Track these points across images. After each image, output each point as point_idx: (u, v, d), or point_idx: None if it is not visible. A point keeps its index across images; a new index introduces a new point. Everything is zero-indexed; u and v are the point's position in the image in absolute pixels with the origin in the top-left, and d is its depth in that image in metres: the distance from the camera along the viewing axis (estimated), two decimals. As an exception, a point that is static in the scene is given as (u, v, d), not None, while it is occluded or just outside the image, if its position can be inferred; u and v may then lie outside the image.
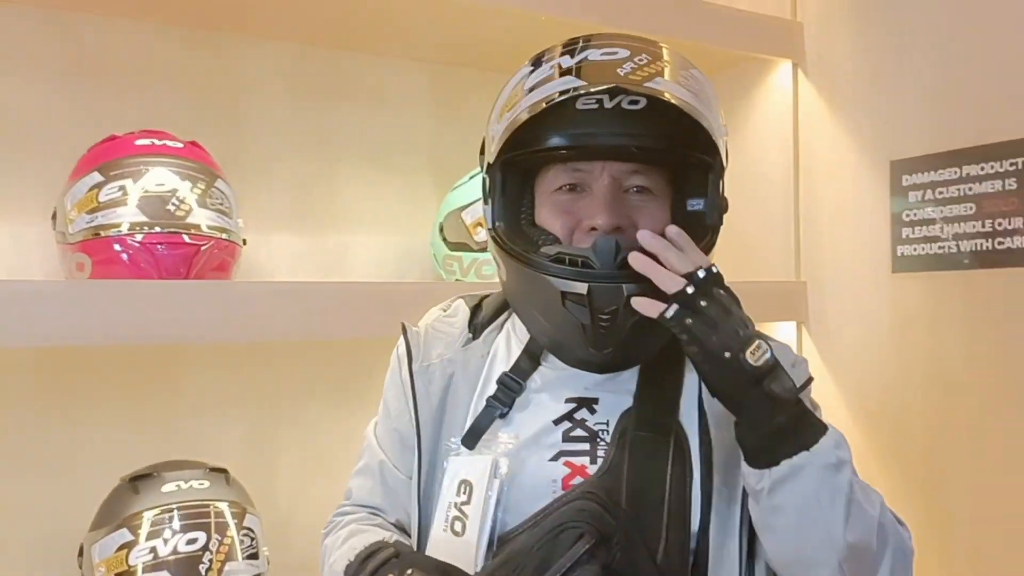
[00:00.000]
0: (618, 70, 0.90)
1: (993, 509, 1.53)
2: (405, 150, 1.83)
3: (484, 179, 1.01)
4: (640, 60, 0.92)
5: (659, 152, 0.95)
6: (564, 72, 0.92)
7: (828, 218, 1.82)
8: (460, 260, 1.64)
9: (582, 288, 0.90)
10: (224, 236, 1.32)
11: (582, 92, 0.89)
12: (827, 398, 1.79)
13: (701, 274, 0.88)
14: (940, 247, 1.61)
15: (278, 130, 1.70)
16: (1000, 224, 1.52)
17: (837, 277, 1.81)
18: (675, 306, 0.86)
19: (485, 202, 1.01)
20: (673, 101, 0.89)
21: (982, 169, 1.54)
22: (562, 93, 0.90)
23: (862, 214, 1.75)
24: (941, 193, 1.61)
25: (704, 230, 0.97)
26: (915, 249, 1.65)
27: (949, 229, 1.60)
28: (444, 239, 1.66)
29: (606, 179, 0.95)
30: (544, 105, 0.91)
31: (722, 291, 0.89)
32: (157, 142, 1.34)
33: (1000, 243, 1.52)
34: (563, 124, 0.94)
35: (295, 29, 1.65)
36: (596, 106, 0.92)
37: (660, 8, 1.70)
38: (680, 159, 0.97)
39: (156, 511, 1.29)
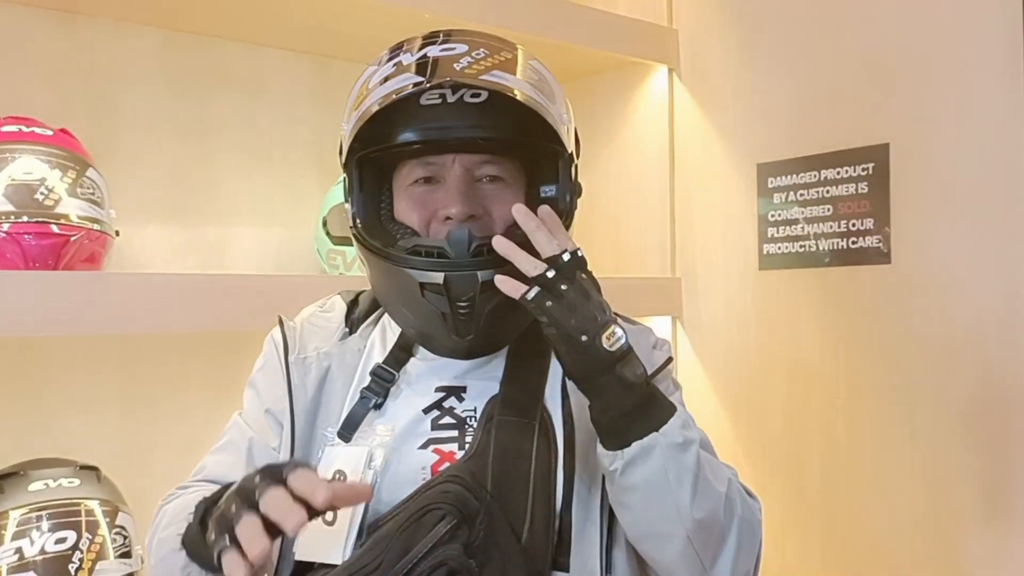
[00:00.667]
0: (455, 65, 0.93)
1: (840, 482, 1.66)
2: (286, 142, 1.82)
3: (343, 178, 1.03)
4: (477, 55, 0.95)
5: (506, 142, 0.99)
6: (404, 69, 0.95)
7: (701, 218, 1.91)
8: (344, 255, 1.64)
9: (438, 278, 0.93)
10: (95, 227, 1.29)
11: (421, 89, 0.92)
12: (698, 386, 1.88)
13: (566, 257, 0.90)
14: (801, 246, 1.71)
15: (152, 118, 1.65)
16: (854, 225, 1.63)
17: (709, 274, 1.89)
18: (536, 288, 0.89)
19: (346, 201, 1.03)
20: (505, 91, 0.93)
21: (838, 173, 1.65)
22: (397, 92, 0.92)
23: (732, 214, 1.84)
24: (802, 195, 1.71)
25: (557, 214, 1.00)
26: (779, 248, 1.75)
27: (810, 229, 1.70)
28: (328, 233, 1.66)
29: (458, 170, 0.98)
30: (377, 107, 0.93)
31: (584, 275, 0.92)
32: (25, 129, 1.30)
33: (854, 242, 1.63)
34: (408, 120, 0.97)
35: (168, 14, 1.61)
36: (439, 101, 0.95)
37: (541, 10, 1.74)
38: (528, 148, 1.01)
39: (23, 511, 1.25)
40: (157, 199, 1.66)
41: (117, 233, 1.36)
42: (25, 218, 1.22)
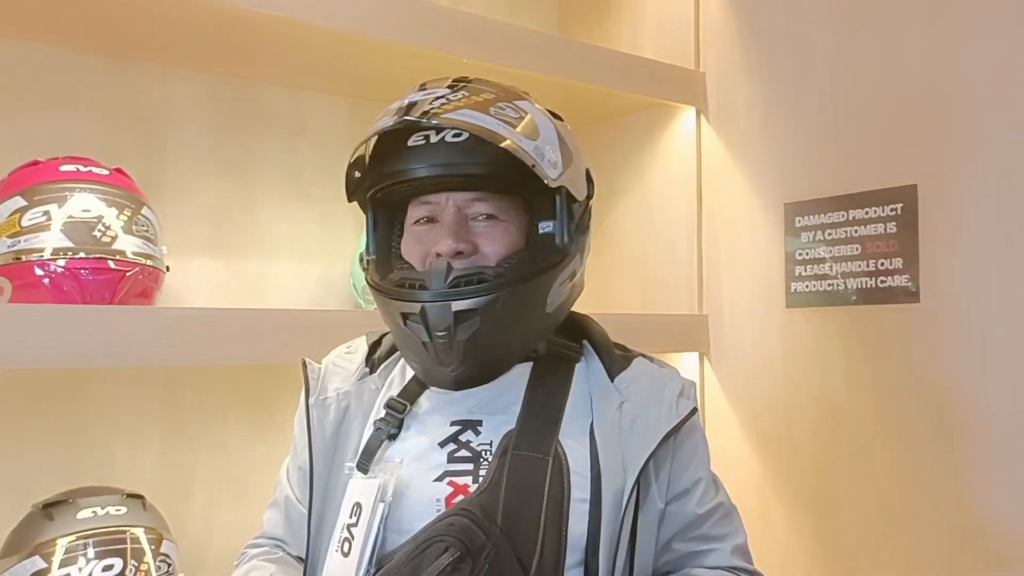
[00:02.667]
0: (428, 106, 0.97)
1: (871, 520, 1.65)
2: (324, 181, 1.87)
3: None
4: (455, 96, 0.99)
5: (492, 179, 1.02)
6: (387, 113, 1.01)
7: (728, 256, 1.93)
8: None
9: (416, 308, 0.97)
10: (149, 263, 1.33)
11: (384, 126, 0.98)
12: (725, 422, 1.90)
13: None
14: (829, 284, 1.74)
15: (198, 158, 1.71)
16: (882, 264, 1.65)
17: (736, 311, 1.92)
18: None
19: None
20: (459, 127, 0.97)
21: (866, 213, 1.68)
22: (377, 132, 1.00)
23: (759, 253, 1.87)
24: (830, 234, 1.73)
25: (554, 249, 1.03)
26: (807, 286, 1.77)
27: (838, 267, 1.72)
28: (365, 269, 1.70)
29: (451, 208, 1.02)
30: (362, 149, 1.02)
31: None
32: (83, 168, 1.35)
33: (882, 281, 1.65)
34: (396, 160, 1.02)
35: (214, 59, 1.67)
36: (424, 142, 1.01)
37: (570, 54, 1.79)
38: (526, 185, 1.02)
39: (71, 538, 1.28)
40: (201, 235, 1.71)
41: (168, 268, 1.41)
42: (82, 254, 1.26)
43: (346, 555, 0.95)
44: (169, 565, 1.35)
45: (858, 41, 1.70)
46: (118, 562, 1.29)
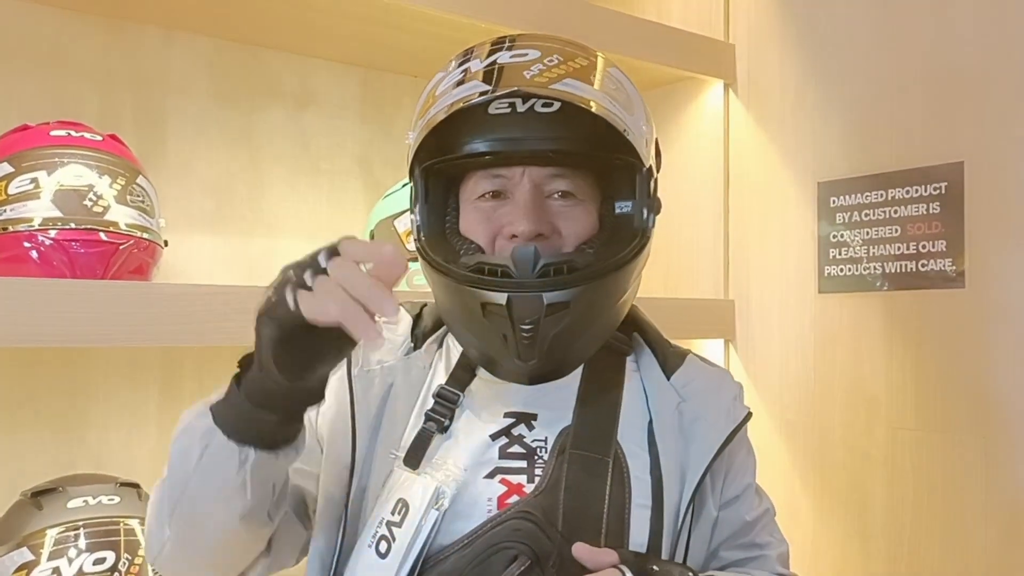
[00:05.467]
0: (524, 72, 0.88)
1: (906, 517, 1.57)
2: (334, 154, 1.78)
3: (410, 189, 0.99)
4: (550, 61, 0.90)
5: (579, 155, 0.93)
6: (472, 76, 0.90)
7: (756, 238, 1.84)
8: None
9: (501, 298, 0.88)
10: (144, 235, 1.25)
11: (487, 98, 0.87)
12: (752, 409, 1.81)
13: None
14: (865, 269, 1.65)
15: (200, 128, 1.63)
16: (924, 247, 1.56)
17: (764, 296, 1.83)
18: None
19: (411, 211, 0.99)
20: (578, 102, 0.88)
21: (907, 193, 1.58)
22: (465, 100, 0.88)
23: (789, 234, 1.78)
24: (867, 215, 1.64)
25: (633, 232, 0.95)
26: (841, 270, 1.68)
27: (875, 251, 1.63)
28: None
29: (527, 184, 0.93)
30: (443, 116, 0.89)
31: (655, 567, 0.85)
32: (74, 134, 1.26)
33: (923, 265, 1.56)
34: (475, 130, 0.92)
35: (218, 23, 1.58)
36: (509, 110, 0.90)
37: (593, 22, 1.70)
38: (602, 161, 0.95)
39: (60, 528, 1.20)
40: (203, 209, 1.63)
41: (166, 243, 1.33)
42: (72, 225, 1.18)
43: (383, 556, 0.86)
44: (165, 558, 1.27)
45: (900, 6, 1.60)
46: (110, 555, 1.21)
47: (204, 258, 1.62)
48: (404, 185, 1.63)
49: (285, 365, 0.78)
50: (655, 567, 0.84)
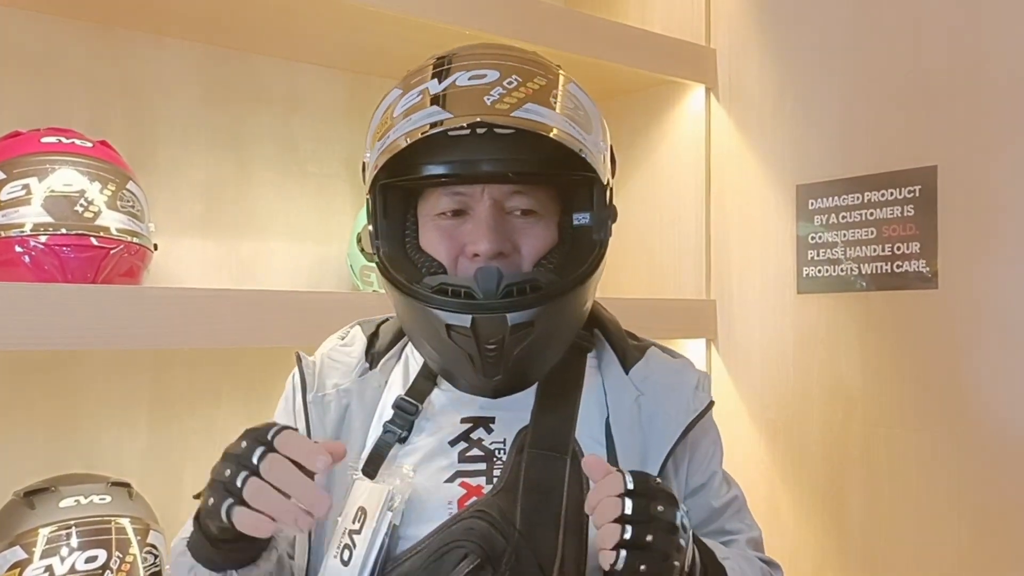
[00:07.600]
0: (485, 98, 0.88)
1: (883, 513, 1.61)
2: (321, 158, 1.81)
3: (367, 202, 0.99)
4: (510, 83, 0.90)
5: (537, 174, 0.94)
6: (433, 100, 0.90)
7: (737, 239, 1.87)
8: (377, 271, 1.62)
9: (466, 320, 0.89)
10: (135, 240, 1.27)
11: (447, 127, 0.88)
12: (732, 409, 1.85)
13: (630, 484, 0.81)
14: (842, 269, 1.68)
15: (189, 132, 1.64)
16: (899, 248, 1.59)
17: (745, 296, 1.86)
18: (623, 553, 0.79)
19: (370, 227, 0.99)
20: (539, 130, 0.88)
21: (882, 195, 1.62)
22: (433, 126, 0.88)
23: (769, 236, 1.81)
24: (845, 217, 1.68)
25: (592, 243, 0.97)
26: (819, 271, 1.72)
27: (851, 252, 1.67)
28: (361, 250, 1.64)
29: (487, 202, 0.93)
30: (403, 144, 0.89)
31: (660, 506, 0.81)
32: (65, 140, 1.28)
33: (898, 267, 1.59)
34: (436, 152, 0.92)
35: (207, 29, 1.60)
36: (468, 132, 0.90)
37: (575, 28, 1.72)
38: (562, 177, 0.96)
39: (52, 527, 1.23)
40: (192, 213, 1.65)
41: (155, 247, 1.35)
42: (64, 230, 1.20)
43: (346, 564, 0.89)
44: (156, 556, 1.29)
45: (877, 13, 1.63)
46: (102, 553, 1.23)
47: (194, 261, 1.64)
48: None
49: (222, 551, 0.86)
50: (657, 480, 0.84)
